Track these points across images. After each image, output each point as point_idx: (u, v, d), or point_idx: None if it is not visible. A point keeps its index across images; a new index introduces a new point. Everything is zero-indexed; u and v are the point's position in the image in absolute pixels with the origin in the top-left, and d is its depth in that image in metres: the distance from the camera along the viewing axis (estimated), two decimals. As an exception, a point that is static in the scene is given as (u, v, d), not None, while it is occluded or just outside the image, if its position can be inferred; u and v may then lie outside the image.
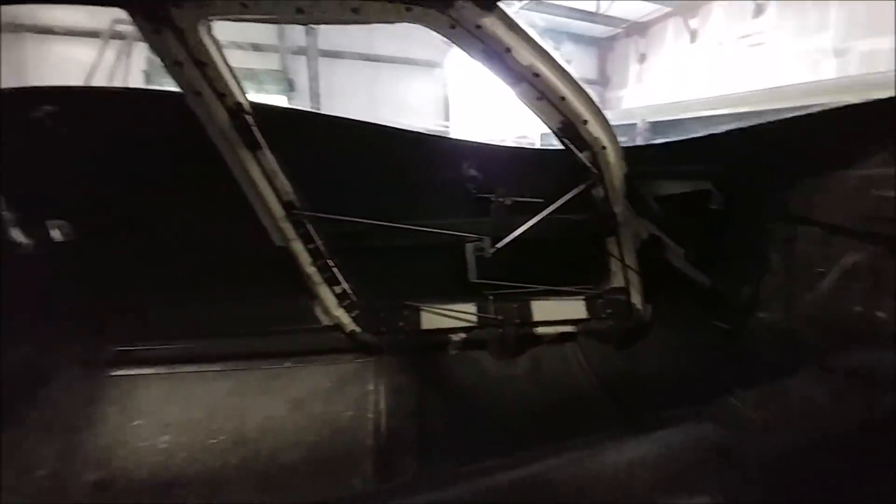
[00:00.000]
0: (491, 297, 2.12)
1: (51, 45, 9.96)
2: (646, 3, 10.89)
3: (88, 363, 1.92)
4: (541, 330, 2.16)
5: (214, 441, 1.68)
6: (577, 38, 12.88)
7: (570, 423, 1.90)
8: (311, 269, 2.01)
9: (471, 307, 2.13)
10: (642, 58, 12.74)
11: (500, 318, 2.10)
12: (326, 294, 2.06)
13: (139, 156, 1.80)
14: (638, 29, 12.57)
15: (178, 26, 1.48)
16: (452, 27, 1.56)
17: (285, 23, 1.57)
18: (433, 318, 2.12)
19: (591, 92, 1.80)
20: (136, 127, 1.78)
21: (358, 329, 2.10)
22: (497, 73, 1.71)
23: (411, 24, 1.57)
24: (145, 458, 1.59)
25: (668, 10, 11.37)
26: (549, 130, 1.88)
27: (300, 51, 10.63)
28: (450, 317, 2.13)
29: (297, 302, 2.08)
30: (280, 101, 10.10)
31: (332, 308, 2.07)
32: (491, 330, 2.12)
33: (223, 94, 1.66)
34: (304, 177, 1.89)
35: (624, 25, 12.51)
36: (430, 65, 11.60)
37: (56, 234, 1.83)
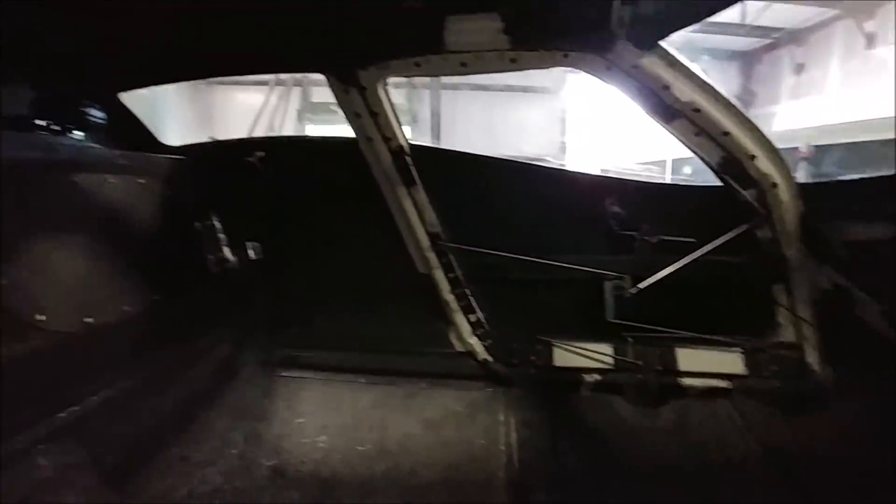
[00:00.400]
0: (630, 340, 2.01)
1: (233, 94, 12.33)
2: (808, 6, 9.52)
3: (265, 363, 2.28)
4: (687, 381, 1.97)
5: (362, 448, 1.85)
6: (716, 53, 11.77)
7: (723, 489, 1.68)
8: (449, 297, 2.13)
9: (607, 348, 2.05)
10: (800, 68, 11.10)
11: (639, 363, 1.98)
12: (461, 321, 2.16)
13: (317, 190, 2.13)
14: (794, 37, 11.03)
15: (363, 85, 1.74)
16: (608, 69, 1.58)
17: (449, 75, 1.74)
18: (566, 356, 2.08)
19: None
20: (317, 167, 2.13)
21: (490, 358, 2.15)
22: (650, 109, 1.67)
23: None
24: (309, 454, 1.81)
25: (834, 13, 9.79)
26: (681, 156, 1.76)
27: (423, 85, 11.53)
28: (584, 356, 2.07)
29: (434, 326, 2.22)
30: (405, 132, 11.03)
31: (466, 335, 2.17)
32: (629, 375, 2.00)
33: (389, 139, 1.90)
34: (451, 211, 2.04)
35: (775, 35, 11.09)
36: (547, 91, 11.62)
37: (252, 253, 2.25)
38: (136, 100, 1.92)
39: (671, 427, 1.95)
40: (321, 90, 10.25)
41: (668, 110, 1.63)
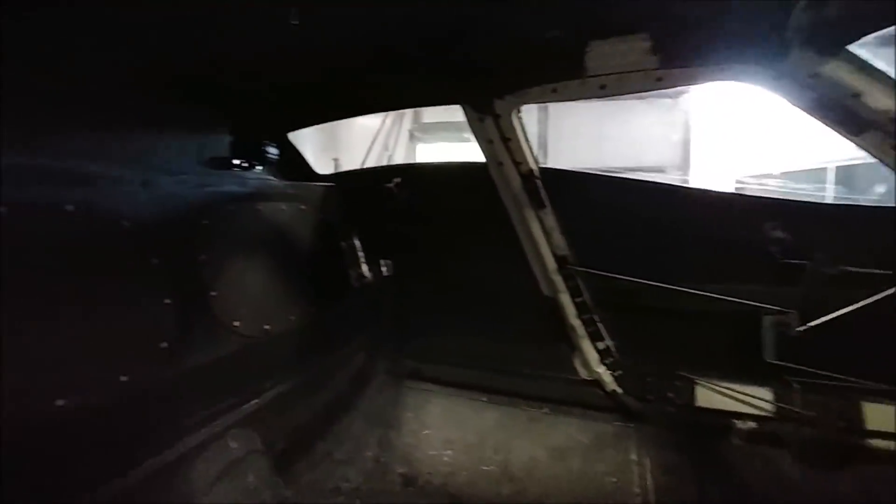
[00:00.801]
0: (796, 386, 1.73)
1: (353, 119, 13.59)
2: None
3: (393, 373, 2.45)
4: (878, 443, 1.63)
5: (487, 469, 1.87)
6: None
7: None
8: (575, 322, 2.07)
9: (764, 392, 1.79)
10: None
11: (811, 414, 1.69)
12: (588, 348, 2.08)
13: (447, 213, 2.24)
14: None
15: (497, 113, 1.80)
16: (777, 79, 1.41)
17: (586, 98, 1.71)
18: (711, 396, 1.87)
19: None
20: (447, 191, 2.24)
21: (619, 390, 2.03)
22: (833, 121, 1.44)
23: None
24: (436, 466, 1.90)
25: None
26: (842, 163, 1.45)
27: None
28: (734, 398, 1.84)
29: (557, 351, 2.17)
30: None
31: (593, 363, 2.07)
32: (795, 427, 1.72)
33: (519, 163, 1.92)
34: (581, 234, 1.99)
35: None
36: (665, 97, 10.72)
37: (384, 270, 2.44)
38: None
39: (854, 494, 1.62)
40: (431, 111, 10.82)
41: (857, 121, 1.40)
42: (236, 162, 1.90)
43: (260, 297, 1.71)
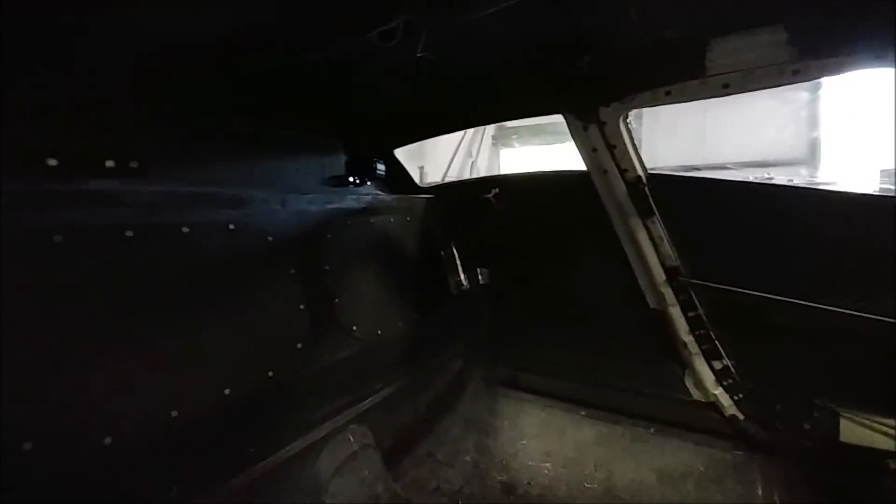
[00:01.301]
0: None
1: (438, 126, 13.98)
2: None
3: (488, 380, 2.49)
4: None
5: (589, 486, 1.82)
6: None
7: None
8: (687, 338, 1.93)
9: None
10: None
11: None
12: (702, 367, 1.92)
13: (545, 222, 2.23)
14: None
15: (603, 121, 1.75)
16: None
17: (703, 99, 1.60)
18: (860, 432, 1.62)
19: None
20: (545, 200, 2.23)
21: (740, 415, 1.85)
22: None
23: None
24: (535, 478, 1.89)
25: None
26: None
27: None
28: (887, 435, 1.58)
29: (665, 368, 2.04)
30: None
31: (709, 384, 1.91)
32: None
33: (625, 170, 1.85)
34: (695, 243, 1.85)
35: None
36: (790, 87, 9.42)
37: (481, 278, 2.49)
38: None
39: None
40: (514, 114, 10.76)
41: None
42: (351, 179, 2.10)
43: (373, 303, 1.86)
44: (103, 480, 1.04)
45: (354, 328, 1.72)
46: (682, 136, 10.14)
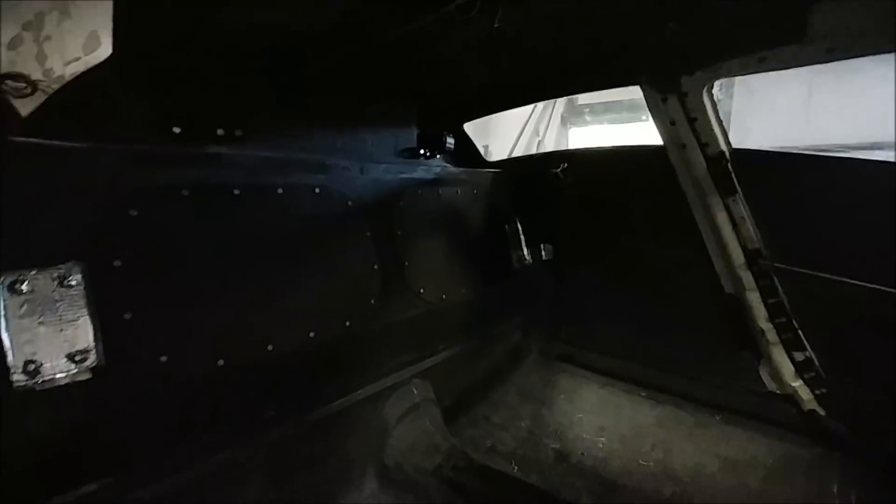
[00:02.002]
0: None
1: (506, 104, 13.69)
2: None
3: (545, 354, 2.52)
4: None
5: (644, 463, 1.82)
6: None
7: None
8: (765, 326, 1.82)
9: None
10: None
11: None
12: (781, 358, 1.81)
13: (613, 199, 2.18)
14: None
15: (684, 91, 1.67)
16: None
17: (807, 65, 1.46)
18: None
19: None
20: (614, 176, 2.17)
21: (821, 411, 1.73)
22: None
23: None
24: (590, 450, 1.92)
25: None
26: None
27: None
28: None
29: (737, 355, 1.94)
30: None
31: (787, 376, 1.80)
32: None
33: (706, 144, 1.75)
34: (781, 225, 1.72)
35: None
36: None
37: (545, 254, 2.50)
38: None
39: None
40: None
41: None
42: (422, 151, 2.19)
43: (439, 270, 1.96)
44: (216, 395, 1.25)
45: (421, 290, 1.84)
46: (780, 114, 9.05)
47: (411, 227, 1.88)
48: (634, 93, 1.80)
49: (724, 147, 1.74)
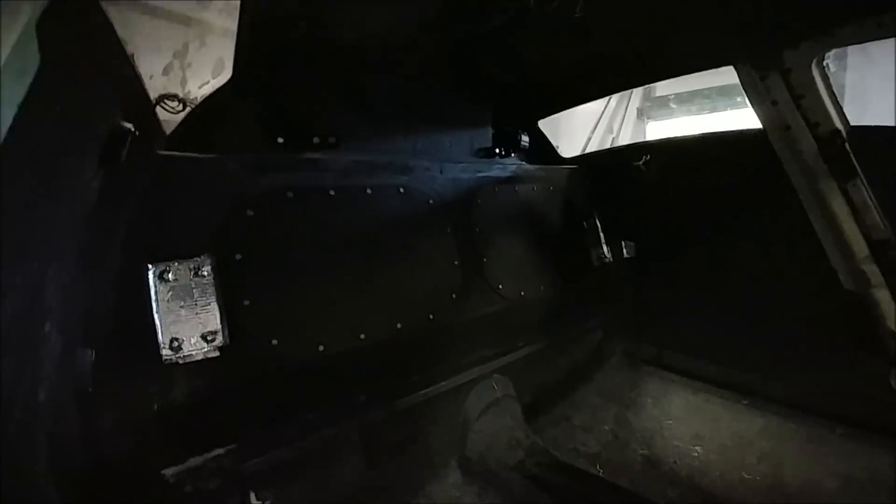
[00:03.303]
0: None
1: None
2: None
3: (630, 354, 2.40)
4: None
5: (749, 477, 1.66)
6: None
7: None
8: (898, 327, 1.58)
9: None
10: None
11: None
12: (919, 364, 1.56)
13: (705, 191, 2.03)
14: None
15: (788, 67, 1.51)
16: None
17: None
18: None
19: None
20: (705, 166, 2.02)
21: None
22: None
23: None
24: (682, 458, 1.79)
25: None
26: None
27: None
28: None
29: (861, 360, 1.71)
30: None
31: (928, 385, 1.55)
32: None
33: (816, 124, 1.57)
34: None
35: None
36: None
37: (626, 251, 2.40)
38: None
39: None
40: (664, 83, 9.57)
41: None
42: (497, 150, 2.22)
43: (517, 266, 1.97)
44: (316, 378, 1.37)
45: (500, 286, 1.85)
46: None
47: (489, 225, 1.91)
48: (724, 78, 1.67)
49: (839, 125, 1.55)
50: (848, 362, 1.75)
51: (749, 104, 1.72)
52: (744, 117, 1.77)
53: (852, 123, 1.56)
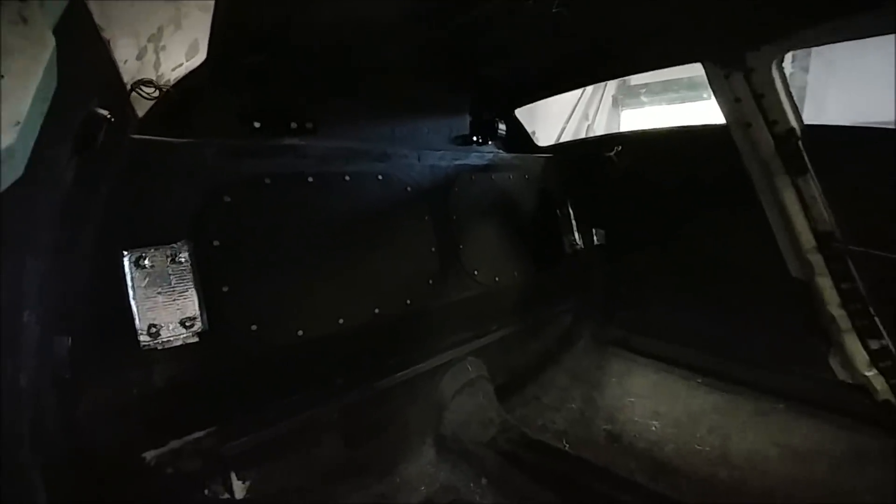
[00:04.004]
0: None
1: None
2: None
3: (598, 338, 2.53)
4: None
5: (700, 448, 1.81)
6: None
7: None
8: (837, 312, 1.73)
9: None
10: None
11: None
12: (854, 346, 1.72)
13: (668, 181, 2.13)
14: None
15: (750, 67, 1.60)
16: None
17: (882, 34, 1.36)
18: None
19: None
20: (670, 158, 2.12)
21: (897, 401, 1.64)
22: None
23: None
24: (642, 433, 1.93)
25: None
26: None
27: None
28: None
29: (803, 342, 1.86)
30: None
31: (860, 365, 1.71)
32: None
33: (774, 122, 1.67)
34: (856, 205, 1.63)
35: None
36: None
37: (597, 239, 2.50)
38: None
39: None
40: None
41: None
42: (474, 138, 2.25)
43: (493, 253, 2.03)
44: (295, 361, 1.40)
45: (476, 273, 1.91)
46: (865, 87, 8.16)
47: (465, 212, 1.95)
48: (694, 70, 1.75)
49: (794, 124, 1.66)
50: (792, 343, 1.91)
51: (714, 99, 1.81)
52: (710, 109, 1.85)
53: (812, 122, 1.67)
